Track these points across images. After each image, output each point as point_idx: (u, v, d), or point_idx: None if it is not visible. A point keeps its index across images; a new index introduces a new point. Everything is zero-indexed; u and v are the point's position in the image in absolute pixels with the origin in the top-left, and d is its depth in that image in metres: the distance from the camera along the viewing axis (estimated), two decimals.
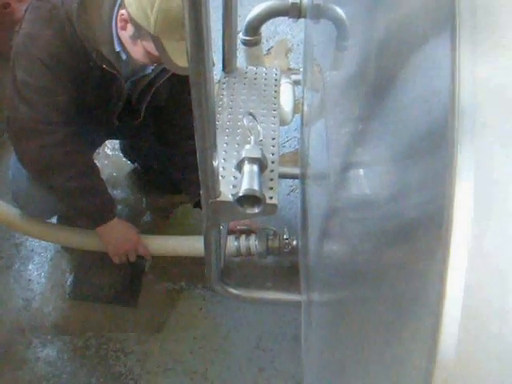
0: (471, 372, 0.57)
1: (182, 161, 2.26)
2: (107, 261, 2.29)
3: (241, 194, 1.31)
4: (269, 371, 2.31)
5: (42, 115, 1.88)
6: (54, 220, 2.55)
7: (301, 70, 2.51)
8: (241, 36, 2.12)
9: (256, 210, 1.37)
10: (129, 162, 2.85)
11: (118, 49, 1.85)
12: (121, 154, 2.83)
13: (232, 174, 1.44)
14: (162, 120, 2.26)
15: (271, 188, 1.42)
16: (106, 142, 2.80)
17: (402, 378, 0.69)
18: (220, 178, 1.37)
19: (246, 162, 1.38)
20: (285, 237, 2.19)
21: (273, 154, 1.51)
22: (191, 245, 2.28)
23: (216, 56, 1.03)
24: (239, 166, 1.40)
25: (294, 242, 2.18)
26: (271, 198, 1.39)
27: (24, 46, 1.82)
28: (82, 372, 2.31)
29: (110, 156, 2.95)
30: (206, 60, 0.97)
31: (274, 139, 1.57)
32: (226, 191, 1.39)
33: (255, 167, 1.37)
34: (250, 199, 1.34)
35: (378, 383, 0.81)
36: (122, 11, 1.76)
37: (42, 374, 2.30)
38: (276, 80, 1.79)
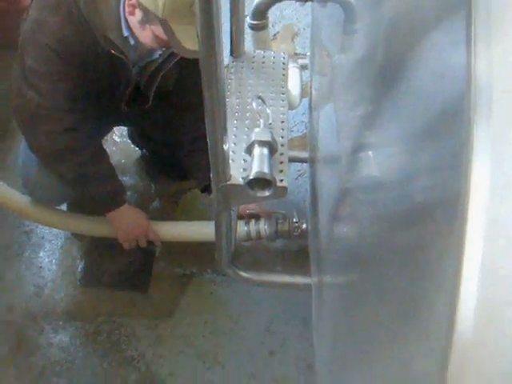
0: (487, 351, 0.58)
1: (189, 146, 2.26)
2: (118, 247, 2.30)
3: (251, 177, 1.31)
4: (279, 354, 2.32)
5: (50, 102, 1.88)
6: (63, 207, 2.56)
7: (307, 54, 2.50)
8: (248, 20, 2.11)
9: (266, 193, 1.37)
10: (137, 149, 2.85)
11: (126, 34, 1.85)
12: (129, 141, 2.83)
13: (242, 157, 1.44)
14: (170, 105, 2.26)
15: (281, 171, 1.42)
16: (114, 128, 2.81)
17: (418, 359, 0.69)
18: (230, 161, 1.38)
19: (256, 145, 1.38)
20: (294, 220, 2.19)
21: (282, 137, 1.51)
22: (200, 230, 2.29)
23: (223, 40, 1.03)
24: (249, 150, 1.40)
25: (304, 226, 2.19)
26: (281, 180, 1.39)
27: (32, 32, 1.82)
28: (94, 357, 2.34)
29: (118, 143, 2.96)
30: (216, 42, 0.97)
31: (283, 122, 1.57)
32: (237, 174, 1.39)
33: (265, 150, 1.37)
34: (261, 182, 1.34)
35: (393, 365, 0.81)
36: None
37: (55, 360, 2.33)
38: (284, 64, 1.79)
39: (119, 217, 2.18)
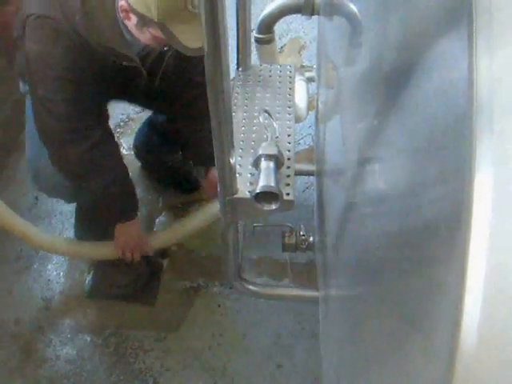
0: (491, 365, 0.58)
1: (184, 121, 2.30)
2: (125, 260, 2.31)
3: (258, 191, 1.32)
4: (287, 367, 2.32)
5: (74, 124, 1.91)
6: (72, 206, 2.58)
7: (314, 67, 2.51)
8: (254, 34, 2.13)
9: (273, 207, 1.38)
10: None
11: (129, 38, 1.84)
12: None
13: (249, 171, 1.45)
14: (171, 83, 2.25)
15: (288, 184, 1.43)
16: (122, 141, 2.83)
17: (422, 372, 0.69)
18: (237, 175, 1.38)
19: (263, 158, 1.38)
20: (301, 233, 2.19)
21: (289, 151, 1.52)
22: (189, 225, 2.40)
23: (230, 54, 1.04)
24: (256, 163, 1.40)
25: (311, 239, 2.18)
26: (288, 194, 1.40)
27: (38, 67, 1.83)
28: (101, 370, 2.34)
29: (126, 156, 2.97)
30: (222, 56, 0.98)
31: (289, 136, 1.57)
32: (243, 188, 1.40)
33: (272, 164, 1.38)
34: (267, 196, 1.34)
35: (398, 378, 0.81)
36: (122, 2, 1.74)
37: (63, 373, 2.33)
38: (290, 77, 1.80)
39: (126, 229, 2.21)
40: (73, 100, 1.87)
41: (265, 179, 1.33)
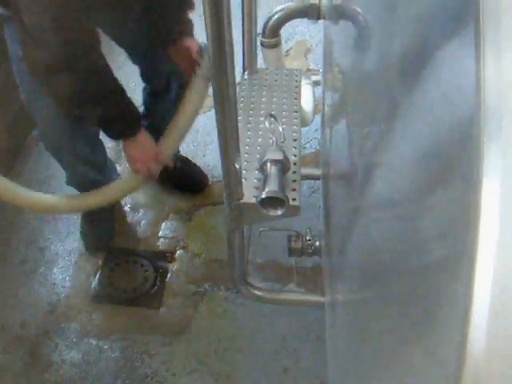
0: (502, 362, 0.57)
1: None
2: (131, 264, 2.31)
3: (264, 196, 1.32)
4: (293, 371, 2.31)
5: (65, 51, 1.76)
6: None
7: (320, 70, 2.51)
8: (260, 38, 2.13)
9: (279, 212, 1.38)
10: None
11: None
12: None
13: (254, 176, 1.44)
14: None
15: (294, 189, 1.43)
16: None
17: (430, 372, 0.69)
18: (242, 180, 1.38)
19: (269, 163, 1.38)
20: (307, 238, 2.19)
21: (295, 156, 1.52)
22: (185, 116, 2.20)
23: (236, 58, 1.03)
24: (262, 168, 1.40)
25: (317, 243, 2.18)
26: (294, 199, 1.40)
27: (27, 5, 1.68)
28: (107, 374, 2.33)
29: None
30: (228, 61, 0.98)
31: (295, 140, 1.57)
32: (249, 193, 1.40)
33: (278, 169, 1.38)
34: (273, 201, 1.34)
35: (405, 379, 0.81)
36: None
37: (68, 377, 2.32)
38: (297, 81, 1.79)
39: (133, 144, 2.11)
40: (63, 26, 1.71)
41: (271, 184, 1.33)
